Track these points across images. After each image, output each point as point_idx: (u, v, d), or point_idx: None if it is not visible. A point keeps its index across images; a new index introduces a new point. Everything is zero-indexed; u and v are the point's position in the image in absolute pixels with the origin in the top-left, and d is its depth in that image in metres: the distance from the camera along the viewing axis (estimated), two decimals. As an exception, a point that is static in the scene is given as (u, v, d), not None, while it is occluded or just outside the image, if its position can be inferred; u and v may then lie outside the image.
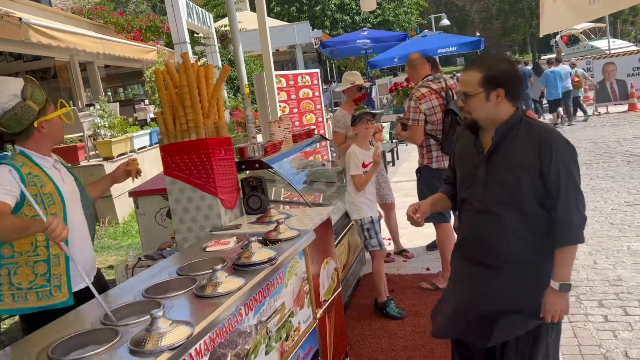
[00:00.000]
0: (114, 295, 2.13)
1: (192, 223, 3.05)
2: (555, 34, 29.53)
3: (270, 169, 3.49)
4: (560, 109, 13.19)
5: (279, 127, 4.10)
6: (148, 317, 1.61)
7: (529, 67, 15.71)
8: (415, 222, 2.29)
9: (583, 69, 14.96)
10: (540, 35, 5.12)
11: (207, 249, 2.57)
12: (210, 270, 2.00)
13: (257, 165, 3.45)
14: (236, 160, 3.35)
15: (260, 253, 2.21)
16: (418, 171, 4.36)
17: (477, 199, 2.13)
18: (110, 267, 5.51)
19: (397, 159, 10.74)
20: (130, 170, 2.82)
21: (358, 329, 3.70)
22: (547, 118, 13.52)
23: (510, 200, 2.03)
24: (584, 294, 3.85)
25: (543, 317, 2.04)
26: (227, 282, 1.95)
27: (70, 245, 2.24)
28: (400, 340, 3.49)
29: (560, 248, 2.00)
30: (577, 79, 13.06)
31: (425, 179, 4.29)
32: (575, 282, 4.03)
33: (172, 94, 2.96)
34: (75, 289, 2.35)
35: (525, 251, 2.04)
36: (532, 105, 13.62)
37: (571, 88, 13.00)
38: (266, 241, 2.51)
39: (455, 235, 4.38)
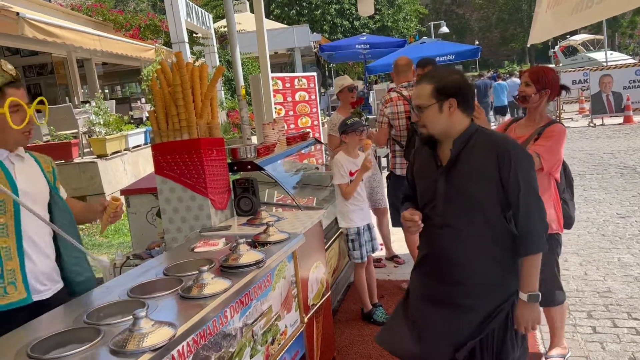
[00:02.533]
0: (99, 294, 2.11)
1: (181, 223, 3.03)
2: (554, 45, 29.71)
3: (262, 171, 3.48)
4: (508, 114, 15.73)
5: (273, 129, 4.09)
6: (131, 317, 1.59)
7: (488, 79, 18.34)
8: (416, 225, 2.11)
9: (580, 80, 15.41)
10: (528, 45, 5.19)
11: (195, 250, 2.55)
12: (197, 272, 1.98)
13: (249, 166, 3.43)
14: (228, 161, 3.33)
15: (248, 255, 2.19)
16: (387, 177, 4.45)
17: (437, 214, 2.09)
18: (100, 265, 5.48)
19: (392, 164, 10.75)
20: (106, 209, 2.32)
21: (346, 334, 3.69)
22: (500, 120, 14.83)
23: (472, 213, 2.01)
24: (573, 304, 3.85)
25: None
26: (213, 284, 1.93)
27: (26, 250, 2.05)
28: (389, 346, 3.47)
29: (525, 258, 2.00)
30: None
31: (391, 184, 4.40)
32: (566, 293, 4.03)
33: (166, 93, 2.95)
34: (36, 297, 2.08)
35: (488, 266, 2.02)
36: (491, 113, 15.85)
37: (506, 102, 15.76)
38: (255, 243, 2.49)
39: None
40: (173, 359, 1.62)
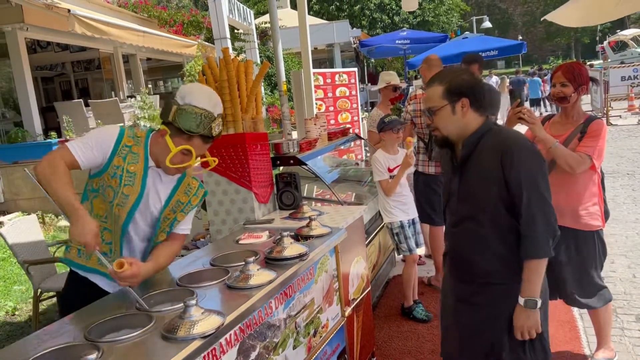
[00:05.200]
0: (149, 283, 2.18)
1: (226, 215, 3.09)
2: (602, 40, 28.70)
3: (304, 166, 3.51)
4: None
5: (315, 124, 4.12)
6: (181, 304, 1.64)
7: (522, 76, 19.65)
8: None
9: (630, 76, 15.05)
10: (541, 19, 4.98)
11: (240, 242, 2.61)
12: (243, 263, 2.03)
13: (291, 161, 3.47)
14: (271, 155, 3.38)
15: (292, 248, 2.23)
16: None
17: (452, 212, 2.12)
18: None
19: (432, 161, 10.63)
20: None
21: (386, 329, 3.69)
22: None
23: (480, 213, 1.99)
24: (621, 307, 3.74)
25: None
26: (259, 275, 1.97)
27: (127, 239, 2.19)
28: (428, 343, 3.46)
29: (526, 261, 1.94)
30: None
31: (415, 181, 4.34)
32: (613, 295, 3.91)
33: (212, 88, 3.01)
34: None
35: (498, 266, 2.00)
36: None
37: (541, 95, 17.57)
38: (298, 237, 2.52)
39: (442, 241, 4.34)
40: (221, 346, 1.67)
